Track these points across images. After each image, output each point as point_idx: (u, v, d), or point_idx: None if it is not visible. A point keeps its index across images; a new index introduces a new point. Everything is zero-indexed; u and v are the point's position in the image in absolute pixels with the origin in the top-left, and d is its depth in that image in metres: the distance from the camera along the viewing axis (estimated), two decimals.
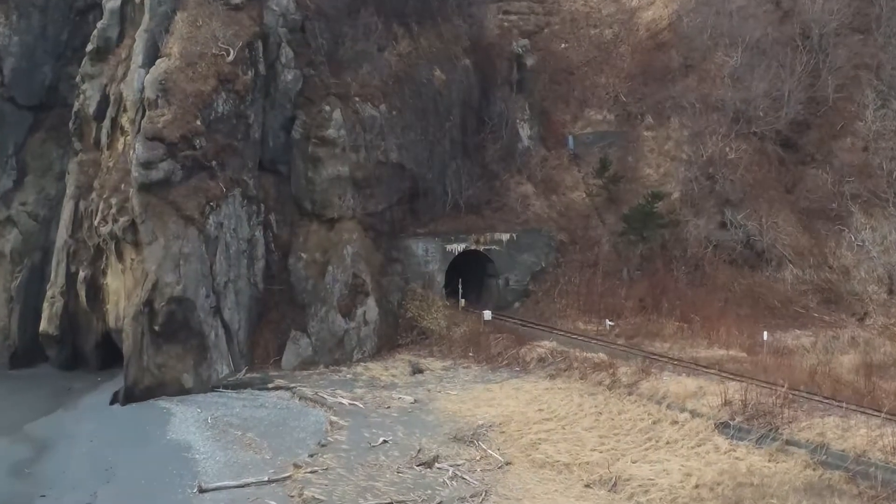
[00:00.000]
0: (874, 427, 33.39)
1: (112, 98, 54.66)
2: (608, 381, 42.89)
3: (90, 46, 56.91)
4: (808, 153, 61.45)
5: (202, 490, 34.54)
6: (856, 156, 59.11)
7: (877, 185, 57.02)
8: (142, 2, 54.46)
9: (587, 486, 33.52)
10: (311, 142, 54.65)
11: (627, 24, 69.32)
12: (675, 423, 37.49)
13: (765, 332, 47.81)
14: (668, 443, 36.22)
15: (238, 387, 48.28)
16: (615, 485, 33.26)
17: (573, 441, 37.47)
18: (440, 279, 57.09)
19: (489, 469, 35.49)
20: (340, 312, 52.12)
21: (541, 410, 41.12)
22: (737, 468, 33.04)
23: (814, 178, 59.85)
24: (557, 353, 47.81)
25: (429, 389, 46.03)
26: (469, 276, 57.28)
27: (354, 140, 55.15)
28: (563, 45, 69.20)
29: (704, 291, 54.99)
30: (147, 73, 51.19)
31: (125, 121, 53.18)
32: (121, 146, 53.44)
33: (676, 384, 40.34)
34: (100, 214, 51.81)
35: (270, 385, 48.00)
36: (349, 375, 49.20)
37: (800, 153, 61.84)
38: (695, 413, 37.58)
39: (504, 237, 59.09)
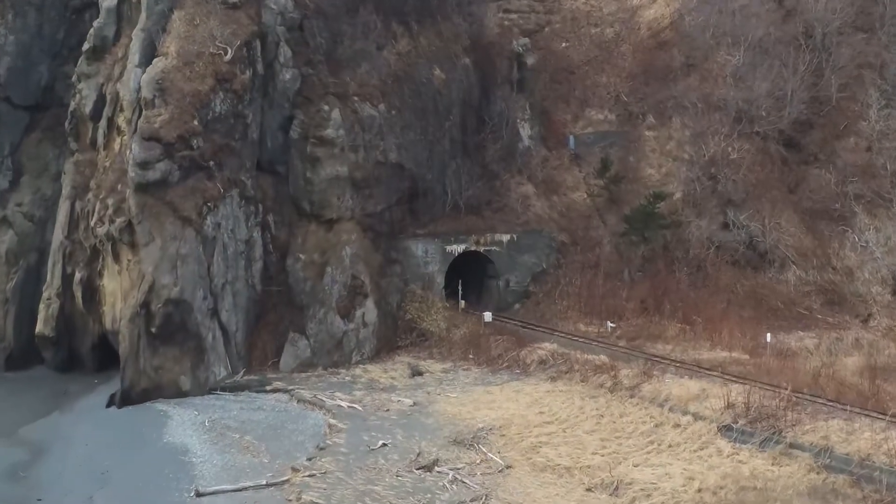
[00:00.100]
0: (879, 430, 33.24)
1: (108, 97, 54.55)
2: (610, 384, 42.72)
3: (86, 45, 56.78)
4: (812, 153, 61.36)
5: (199, 494, 34.30)
6: (859, 156, 59.04)
7: (880, 186, 57.01)
8: (138, 0, 54.36)
9: (588, 490, 33.36)
10: (310, 142, 54.41)
11: (629, 23, 69.29)
12: (678, 427, 37.30)
13: (768, 334, 47.91)
14: (671, 446, 36.05)
15: (236, 389, 48.06)
16: (617, 489, 33.07)
17: (574, 444, 37.30)
18: (440, 280, 56.90)
19: (489, 473, 35.33)
20: (339, 314, 51.92)
21: (541, 413, 40.98)
22: (740, 472, 32.84)
23: (817, 179, 59.79)
24: (558, 356, 47.65)
25: (428, 392, 45.91)
26: (469, 278, 57.09)
27: (353, 140, 54.93)
28: (564, 44, 69.17)
29: (707, 293, 54.89)
30: (144, 73, 51.02)
31: (122, 120, 53.05)
32: (117, 146, 53.29)
33: (679, 387, 40.17)
34: (96, 215, 51.70)
35: (268, 387, 47.78)
36: (348, 378, 49.01)
37: (803, 153, 61.76)
38: (697, 416, 37.43)
39: (504, 238, 58.91)
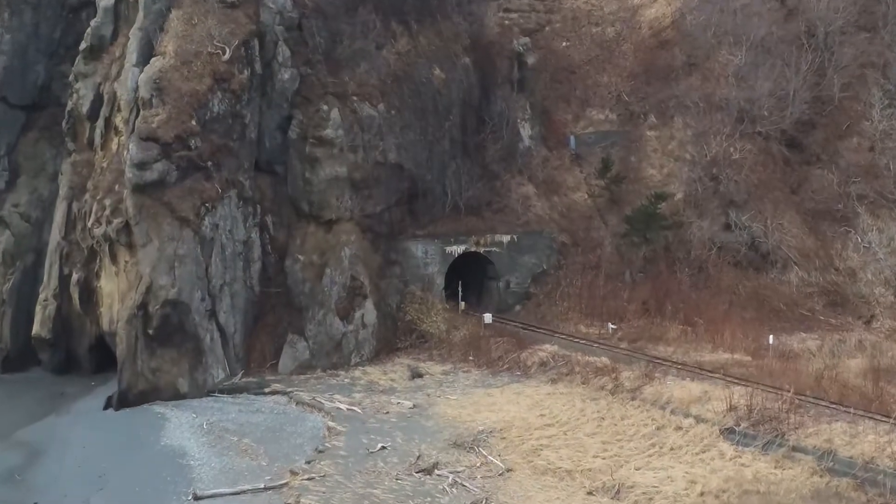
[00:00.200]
0: (882, 433, 33.04)
1: (106, 97, 54.48)
2: (611, 386, 42.53)
3: (83, 45, 56.75)
4: (814, 153, 61.22)
5: (197, 497, 34.31)
6: (862, 156, 58.96)
7: (883, 186, 56.92)
8: None
9: (590, 494, 33.14)
10: (309, 142, 54.29)
11: (630, 22, 69.19)
12: (680, 429, 37.13)
13: (770, 336, 47.73)
14: (673, 449, 35.88)
15: (234, 391, 48.00)
16: (618, 492, 32.88)
17: (575, 447, 37.09)
18: (440, 281, 56.70)
19: (490, 476, 35.13)
20: (338, 315, 51.78)
21: (542, 416, 40.77)
22: (742, 475, 32.66)
23: (819, 179, 59.68)
24: (559, 357, 47.46)
25: (428, 394, 45.72)
26: (469, 279, 56.87)
27: (352, 140, 54.78)
28: (565, 44, 69.07)
29: (708, 294, 54.74)
30: (141, 72, 50.97)
31: (119, 120, 52.98)
32: (115, 146, 53.24)
33: (680, 389, 40.00)
34: (93, 216, 51.62)
35: (267, 390, 47.68)
36: (347, 380, 48.86)
37: (805, 153, 61.61)
38: (699, 418, 37.26)
39: (505, 239, 58.70)
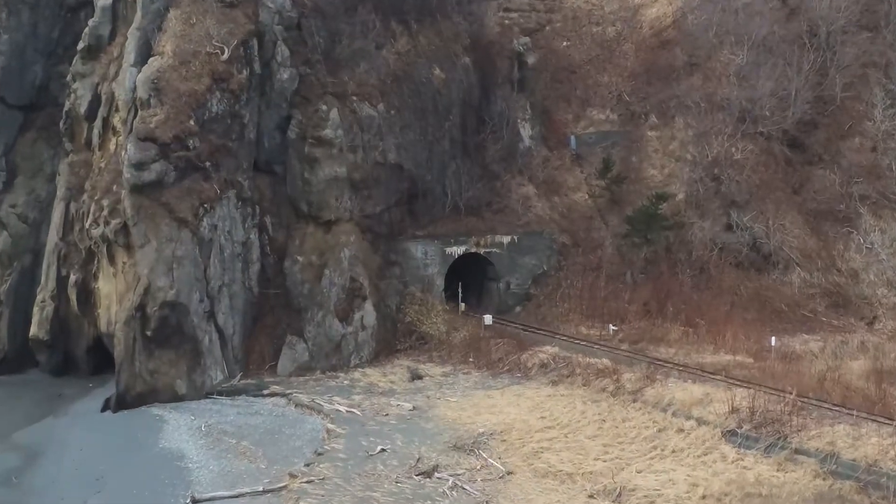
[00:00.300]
0: (886, 436, 33.00)
1: (104, 97, 54.44)
2: (612, 388, 42.47)
3: (81, 44, 56.68)
4: (816, 153, 61.10)
5: (195, 500, 34.20)
6: (864, 156, 58.95)
7: (886, 186, 56.94)
8: None
9: (591, 497, 33.02)
10: (308, 142, 54.16)
11: (630, 22, 69.11)
12: (681, 432, 37.07)
13: (772, 337, 47.88)
14: (674, 451, 35.80)
15: (232, 393, 47.93)
16: (620, 495, 32.72)
17: (576, 450, 36.99)
18: (439, 283, 56.60)
19: (490, 479, 35.00)
20: (337, 317, 51.64)
21: (543, 418, 40.69)
22: (744, 478, 32.58)
23: (821, 179, 59.61)
24: (560, 359, 47.38)
25: (428, 396, 45.60)
26: (469, 280, 56.76)
27: (352, 140, 54.67)
28: (565, 43, 68.97)
29: (710, 295, 54.63)
30: (139, 72, 50.88)
31: (117, 121, 52.93)
32: (112, 147, 53.22)
33: (682, 391, 39.95)
34: (91, 216, 51.57)
35: (266, 391, 47.61)
36: (346, 382, 48.74)
37: (807, 153, 61.49)
38: (701, 421, 37.19)
39: (505, 240, 58.56)
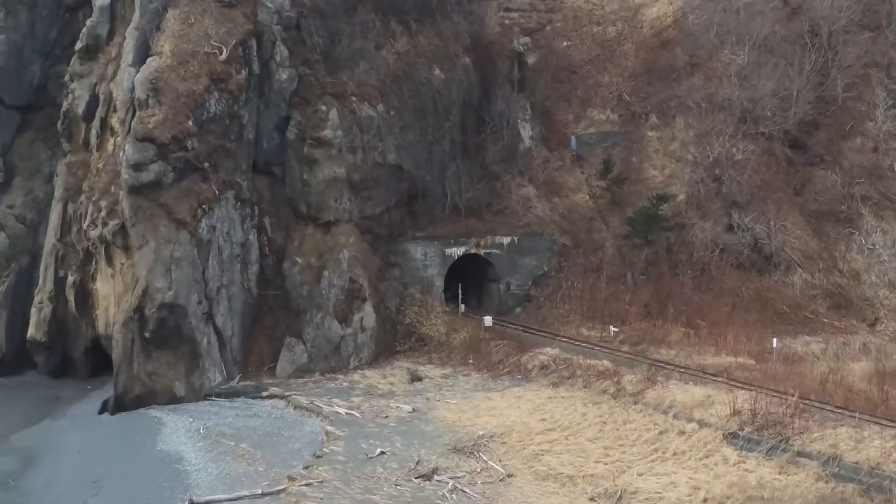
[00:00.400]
0: (888, 438, 32.96)
1: (102, 98, 54.43)
2: (613, 390, 42.39)
3: (79, 44, 56.70)
4: (817, 154, 61.04)
5: (194, 503, 34.00)
6: (866, 157, 58.97)
7: (888, 187, 57.09)
8: None
9: (592, 500, 33.03)
10: (307, 143, 54.02)
11: (631, 22, 68.97)
12: (683, 434, 37.01)
13: (774, 339, 47.82)
14: (676, 454, 35.76)
15: (231, 395, 47.88)
16: (621, 498, 32.70)
17: (577, 452, 36.94)
18: (439, 284, 56.44)
19: (490, 482, 34.91)
20: (337, 318, 51.49)
21: (543, 420, 40.62)
22: (746, 481, 32.52)
23: (823, 180, 59.59)
24: (560, 361, 47.26)
25: (428, 398, 45.53)
26: (469, 281, 56.68)
27: (351, 141, 54.52)
28: (566, 43, 68.84)
29: (711, 296, 54.55)
30: (137, 72, 50.80)
31: (115, 121, 52.88)
32: (110, 147, 53.20)
33: (683, 393, 39.86)
34: (89, 217, 51.51)
35: (264, 393, 47.47)
36: (346, 383, 48.63)
37: (808, 154, 61.43)
38: (702, 423, 37.14)
39: (505, 240, 58.38)
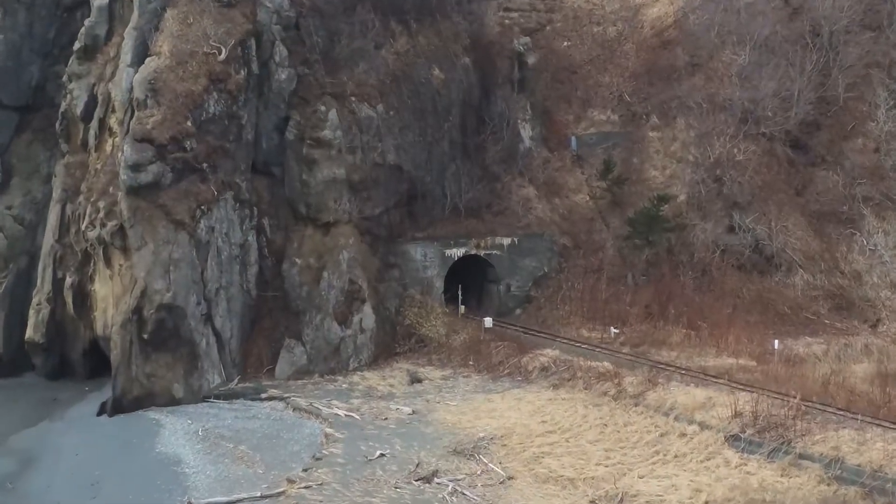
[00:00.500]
0: (891, 440, 33.00)
1: (100, 98, 54.36)
2: (613, 392, 42.42)
3: (78, 45, 56.60)
4: (819, 154, 61.09)
5: None
6: (867, 157, 59.06)
7: (889, 188, 57.30)
8: None
9: (592, 503, 32.98)
10: (306, 143, 53.98)
11: (632, 22, 69.04)
12: (684, 436, 37.01)
13: (775, 340, 47.85)
14: (677, 456, 35.76)
15: (230, 397, 47.80)
16: (621, 501, 32.74)
17: (577, 454, 36.94)
18: (439, 285, 56.44)
19: (490, 484, 34.92)
20: (336, 320, 51.45)
21: (544, 422, 40.63)
22: (748, 483, 32.53)
23: (824, 181, 59.67)
24: (561, 362, 47.26)
25: (427, 400, 45.56)
26: (469, 282, 56.69)
27: (350, 141, 54.48)
28: (566, 44, 68.87)
29: (712, 297, 54.59)
30: (136, 73, 50.75)
31: (113, 122, 52.83)
32: (109, 148, 53.13)
33: (684, 395, 39.88)
34: (87, 218, 51.42)
35: (263, 395, 47.43)
36: (345, 385, 48.64)
37: (810, 154, 61.48)
38: (704, 425, 37.14)
39: (505, 241, 58.35)
